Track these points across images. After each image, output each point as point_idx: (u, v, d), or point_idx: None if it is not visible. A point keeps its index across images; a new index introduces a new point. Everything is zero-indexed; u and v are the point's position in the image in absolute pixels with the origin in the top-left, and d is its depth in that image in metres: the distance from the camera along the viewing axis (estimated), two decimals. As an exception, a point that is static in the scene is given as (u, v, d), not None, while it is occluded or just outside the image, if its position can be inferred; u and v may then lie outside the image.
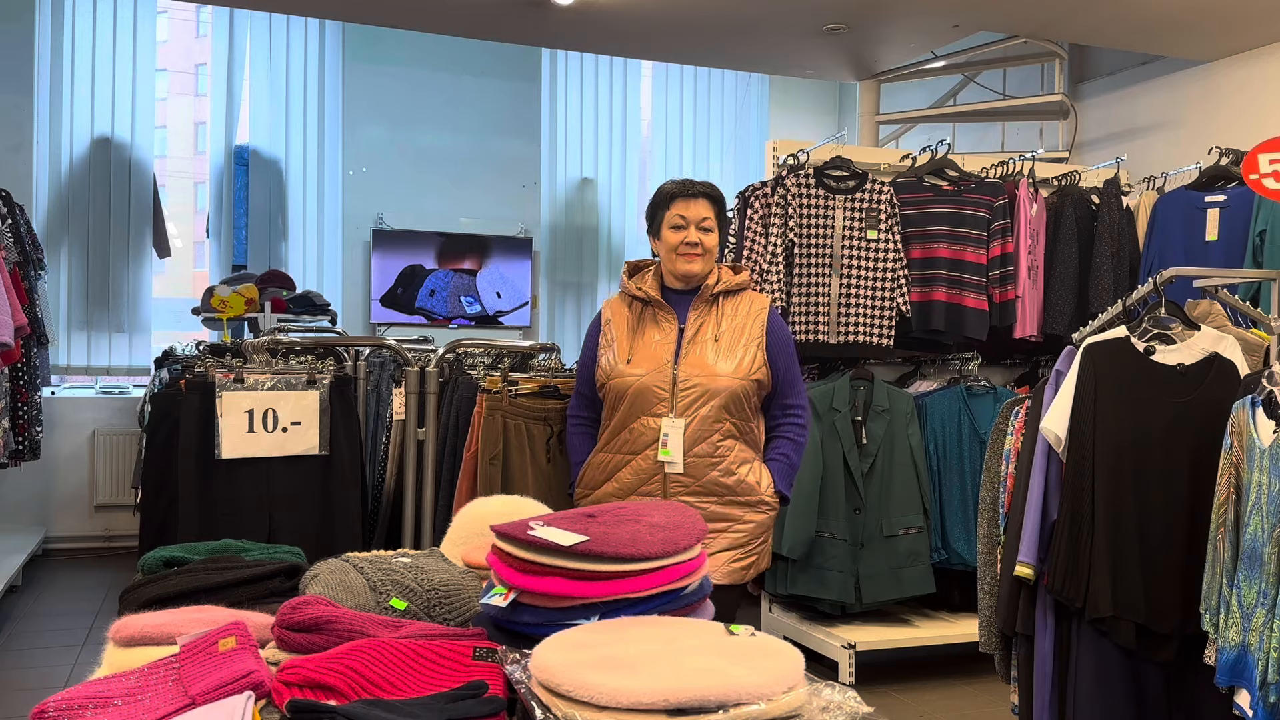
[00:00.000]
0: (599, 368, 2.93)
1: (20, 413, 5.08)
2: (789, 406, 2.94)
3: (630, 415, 2.83)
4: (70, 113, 6.68)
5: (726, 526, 2.82)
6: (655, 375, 2.82)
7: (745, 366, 2.82)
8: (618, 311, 2.98)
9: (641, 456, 2.82)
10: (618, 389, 2.86)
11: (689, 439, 2.78)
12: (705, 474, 2.79)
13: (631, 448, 2.84)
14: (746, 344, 2.85)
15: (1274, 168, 3.08)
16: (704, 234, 2.87)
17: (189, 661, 1.26)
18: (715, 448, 2.79)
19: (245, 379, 3.40)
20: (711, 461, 2.79)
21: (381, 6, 5.56)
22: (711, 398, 2.78)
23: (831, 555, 4.26)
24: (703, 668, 1.15)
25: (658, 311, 2.90)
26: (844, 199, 4.43)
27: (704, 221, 2.87)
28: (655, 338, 2.87)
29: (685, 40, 6.02)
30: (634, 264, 3.06)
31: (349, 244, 7.34)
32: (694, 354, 2.82)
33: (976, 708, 4.06)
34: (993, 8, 5.32)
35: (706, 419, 2.78)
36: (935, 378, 4.78)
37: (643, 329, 2.91)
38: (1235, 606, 2.37)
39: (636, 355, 2.87)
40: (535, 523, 1.41)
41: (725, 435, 2.80)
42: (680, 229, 2.88)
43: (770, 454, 2.91)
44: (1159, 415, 2.70)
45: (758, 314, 2.89)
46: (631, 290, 2.95)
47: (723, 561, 2.80)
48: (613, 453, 2.88)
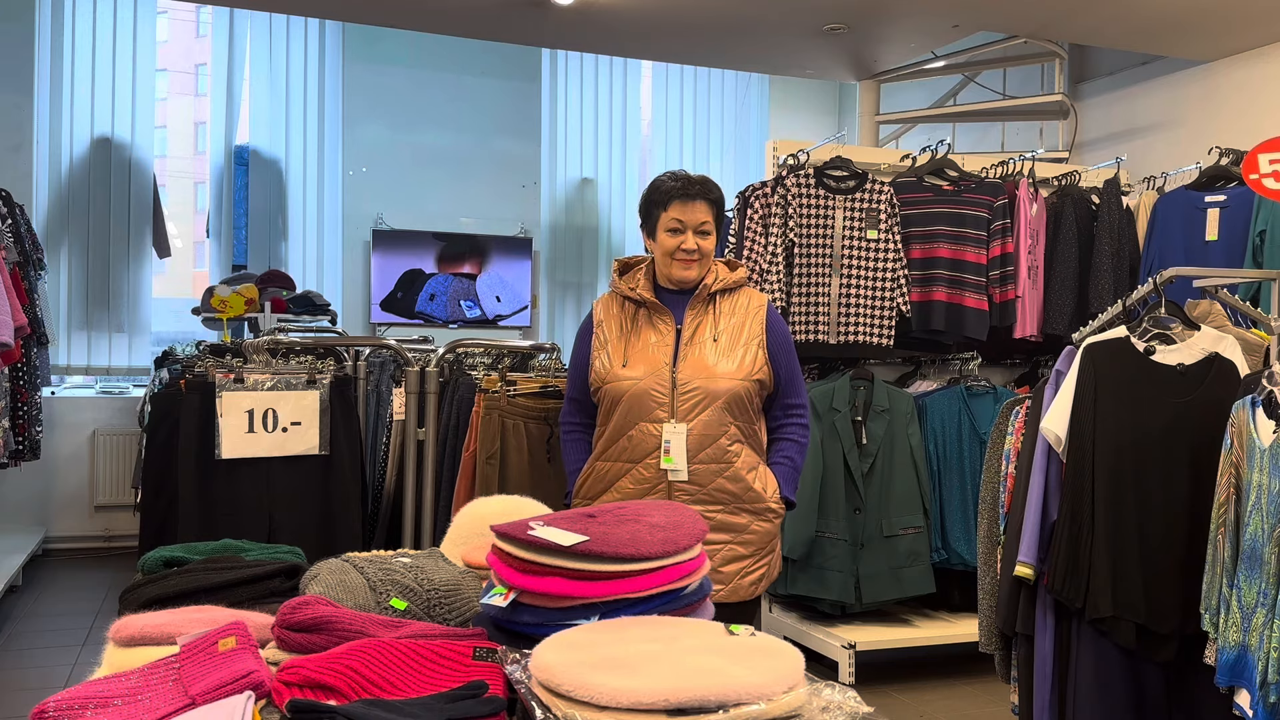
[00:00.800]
0: (593, 371, 2.80)
1: (20, 413, 5.08)
2: (791, 407, 2.83)
3: (628, 421, 2.70)
4: (70, 113, 6.69)
5: (733, 536, 2.69)
6: (653, 379, 2.69)
7: (747, 366, 2.71)
8: (609, 311, 2.84)
9: (642, 465, 2.69)
10: (613, 394, 2.73)
11: (693, 445, 2.66)
12: (711, 481, 2.67)
13: (631, 455, 2.71)
14: (747, 343, 2.74)
15: (1274, 168, 3.08)
16: (702, 239, 2.74)
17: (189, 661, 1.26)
18: (723, 452, 2.67)
19: (245, 379, 3.40)
20: (718, 468, 2.67)
21: (381, 6, 5.56)
22: (713, 400, 2.66)
23: (831, 555, 4.26)
24: (703, 668, 1.14)
25: (653, 312, 2.78)
26: (844, 199, 4.43)
27: (702, 226, 2.75)
28: (651, 339, 2.75)
29: (685, 40, 6.02)
30: (624, 261, 2.93)
31: (349, 244, 7.34)
32: (693, 355, 2.71)
33: (976, 708, 4.06)
34: (993, 8, 5.32)
35: (710, 423, 2.66)
36: (935, 378, 4.78)
37: (637, 330, 2.77)
38: (1235, 606, 2.37)
39: (632, 358, 2.73)
40: (535, 523, 1.41)
41: (732, 440, 2.68)
42: (677, 233, 2.75)
43: (774, 457, 2.81)
44: (1159, 415, 2.70)
45: (756, 312, 2.78)
46: (623, 290, 2.82)
47: (733, 577, 2.68)
48: (611, 461, 2.74)
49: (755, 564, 2.72)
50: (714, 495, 2.67)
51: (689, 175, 2.81)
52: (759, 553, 2.73)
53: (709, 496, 2.67)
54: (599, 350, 2.80)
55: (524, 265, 7.63)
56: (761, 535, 2.72)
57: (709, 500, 2.67)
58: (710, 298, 2.78)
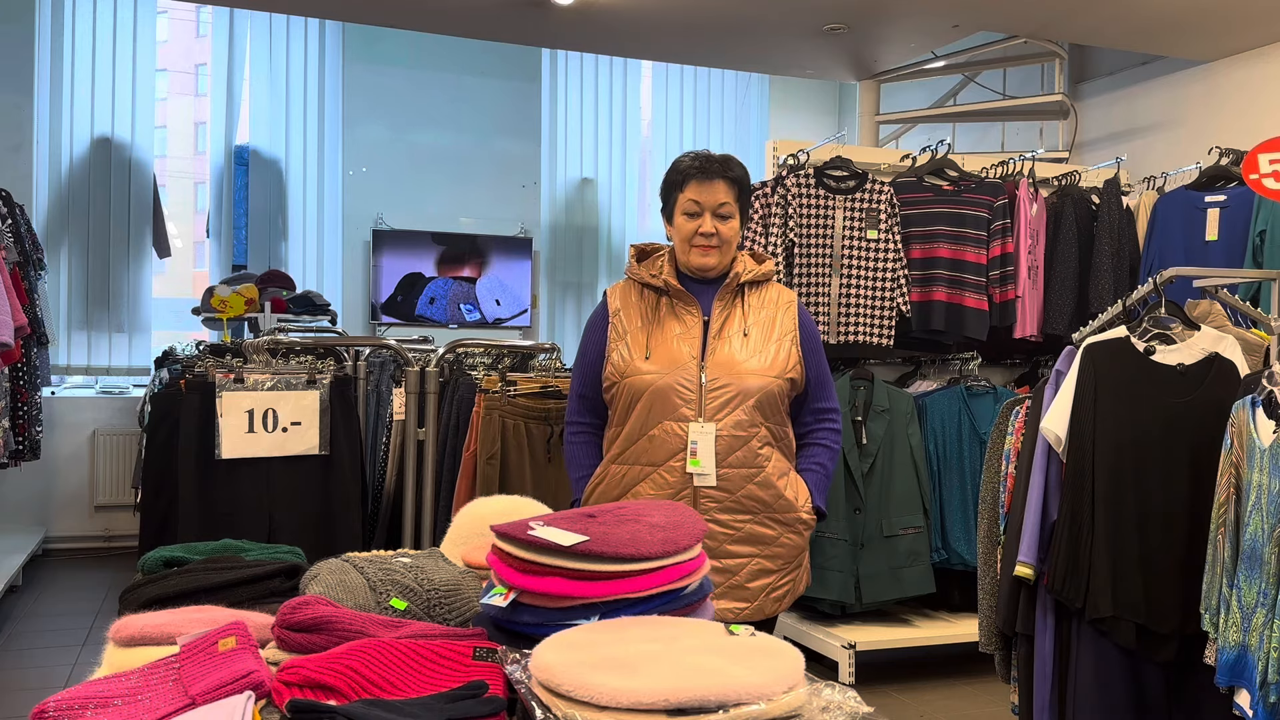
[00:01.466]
0: (609, 365, 2.56)
1: (20, 413, 5.08)
2: (823, 411, 2.64)
3: (649, 420, 2.48)
4: (70, 113, 6.69)
5: (761, 549, 2.50)
6: (678, 374, 2.47)
7: (780, 363, 2.52)
8: (627, 300, 2.61)
9: (664, 468, 2.47)
10: (634, 389, 2.50)
11: (721, 447, 2.45)
12: (741, 487, 2.47)
13: (652, 458, 2.48)
14: (780, 339, 2.54)
15: (1274, 168, 3.08)
16: (721, 222, 2.52)
17: (189, 661, 1.26)
18: (754, 455, 2.47)
19: (245, 379, 3.40)
20: (748, 473, 2.47)
21: (381, 6, 5.56)
22: (744, 399, 2.46)
23: (831, 555, 4.26)
24: (703, 668, 1.14)
25: (677, 302, 2.56)
26: (844, 199, 4.43)
27: (721, 207, 2.52)
28: (675, 330, 2.53)
29: (685, 40, 6.02)
30: (641, 248, 2.70)
31: (349, 244, 7.34)
32: (721, 350, 2.50)
33: (976, 708, 4.06)
34: (993, 8, 5.32)
35: (741, 424, 2.46)
36: (935, 378, 4.78)
37: (659, 320, 2.55)
38: (1235, 606, 2.37)
39: (656, 351, 2.51)
40: (535, 523, 1.41)
41: (763, 442, 2.48)
42: (694, 216, 2.53)
43: (805, 463, 2.61)
44: (1159, 415, 2.70)
45: (787, 307, 2.59)
46: (644, 277, 2.59)
47: (759, 594, 2.50)
48: (629, 463, 2.51)
49: (782, 579, 2.54)
50: (742, 503, 2.48)
51: (709, 154, 2.59)
52: (787, 567, 2.55)
53: (737, 504, 2.48)
54: (616, 341, 2.57)
55: (524, 265, 7.63)
56: (791, 549, 2.54)
57: (737, 509, 2.48)
58: (739, 289, 2.58)
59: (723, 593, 2.47)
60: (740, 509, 2.48)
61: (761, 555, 2.50)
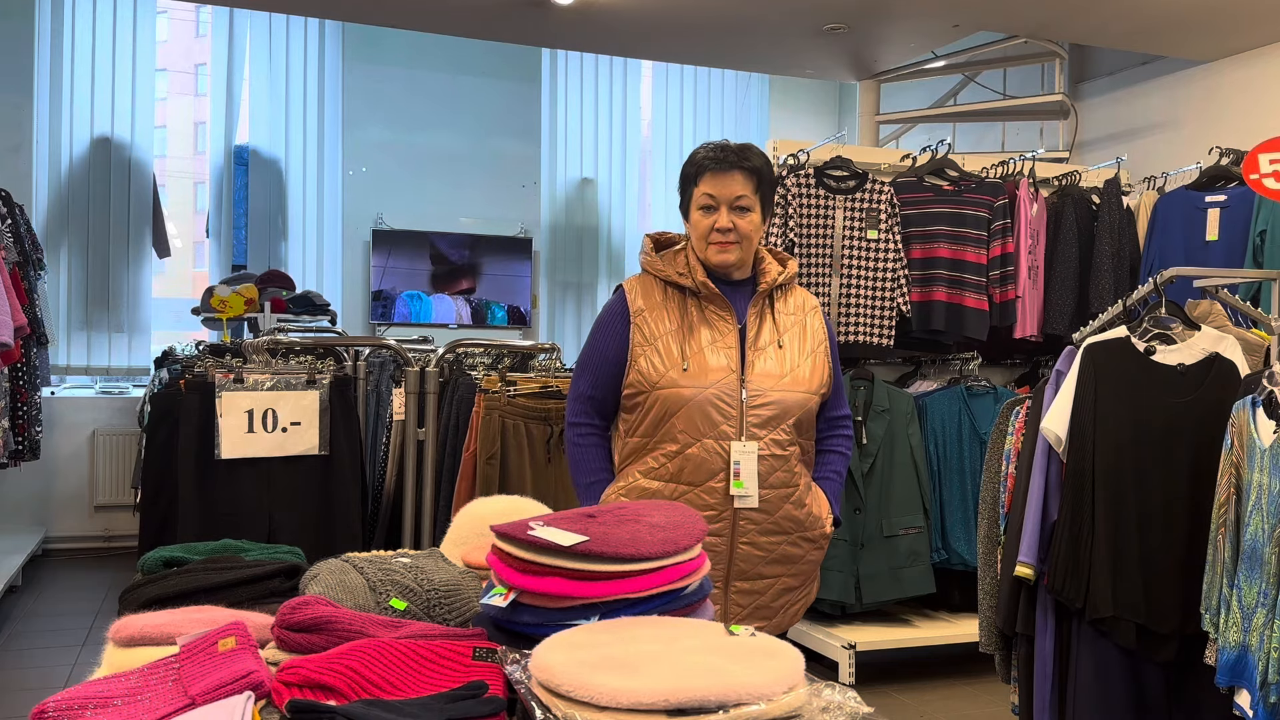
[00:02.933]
0: (635, 371, 2.36)
1: (20, 413, 5.08)
2: (837, 419, 2.53)
3: (690, 438, 2.30)
4: (70, 113, 6.69)
5: (787, 569, 2.40)
6: (718, 388, 2.30)
7: (817, 379, 2.39)
8: (650, 299, 2.40)
9: (704, 489, 2.30)
10: (669, 402, 2.31)
11: (764, 469, 2.31)
12: (779, 508, 2.34)
13: (692, 477, 2.31)
14: (813, 351, 2.41)
15: (1274, 168, 3.08)
16: (738, 216, 2.34)
17: (189, 661, 1.26)
18: (792, 475, 2.35)
19: (245, 379, 3.40)
20: (785, 493, 2.34)
21: (381, 6, 5.56)
22: (785, 418, 2.32)
23: (831, 555, 4.25)
24: (703, 668, 1.14)
25: (708, 306, 2.37)
26: (844, 199, 4.43)
27: (739, 200, 2.34)
28: (706, 339, 2.34)
29: (685, 40, 6.02)
30: (656, 238, 2.51)
31: (349, 244, 7.34)
32: (760, 363, 2.34)
33: (976, 708, 4.06)
34: (993, 8, 5.32)
35: (781, 443, 2.32)
36: (935, 378, 4.78)
37: (691, 327, 2.36)
38: (1236, 606, 2.37)
39: (693, 361, 2.32)
40: (535, 523, 1.41)
41: (798, 460, 2.37)
42: (710, 211, 2.35)
43: (822, 471, 2.50)
44: (1159, 415, 2.70)
45: (813, 313, 2.45)
46: (671, 275, 2.39)
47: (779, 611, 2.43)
48: (663, 481, 2.33)
49: (801, 593, 2.49)
50: (780, 524, 2.36)
51: (727, 143, 2.40)
52: (806, 582, 2.49)
53: (775, 526, 2.35)
54: (644, 346, 2.36)
55: (524, 265, 7.63)
56: (813, 564, 2.47)
57: (774, 531, 2.35)
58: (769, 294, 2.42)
59: (747, 614, 2.38)
60: (777, 530, 2.36)
61: (788, 574, 2.42)
